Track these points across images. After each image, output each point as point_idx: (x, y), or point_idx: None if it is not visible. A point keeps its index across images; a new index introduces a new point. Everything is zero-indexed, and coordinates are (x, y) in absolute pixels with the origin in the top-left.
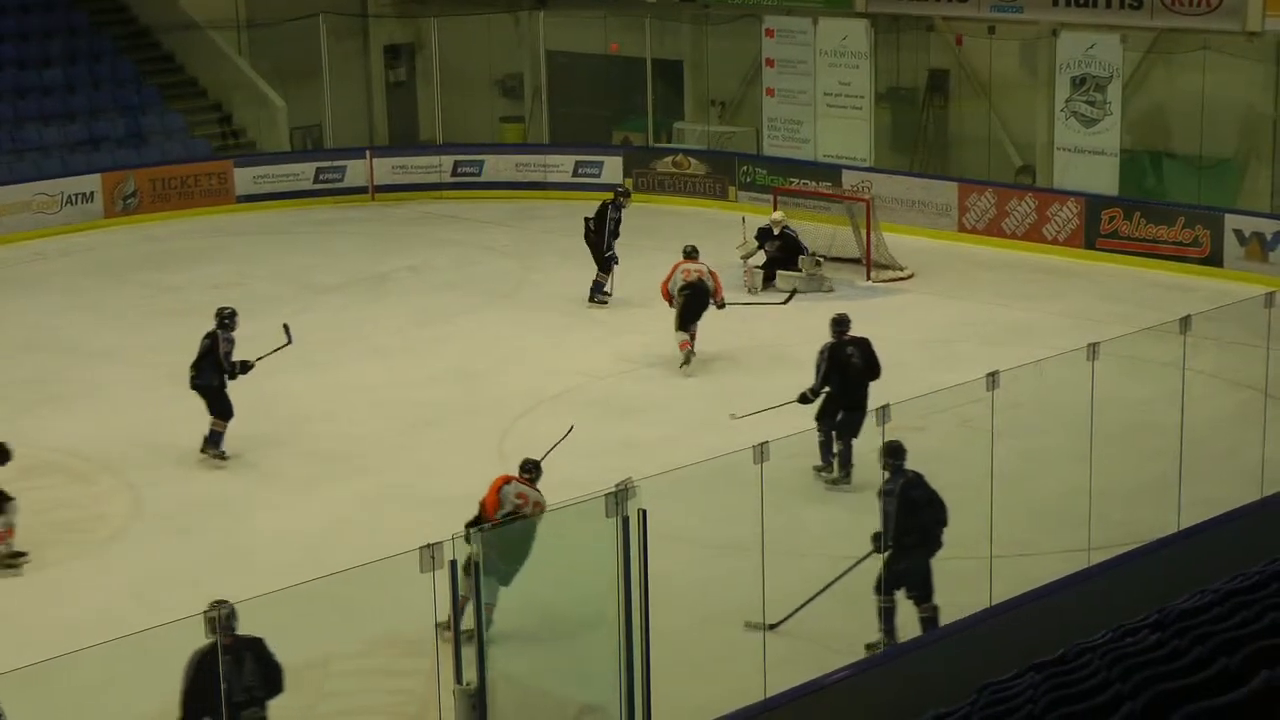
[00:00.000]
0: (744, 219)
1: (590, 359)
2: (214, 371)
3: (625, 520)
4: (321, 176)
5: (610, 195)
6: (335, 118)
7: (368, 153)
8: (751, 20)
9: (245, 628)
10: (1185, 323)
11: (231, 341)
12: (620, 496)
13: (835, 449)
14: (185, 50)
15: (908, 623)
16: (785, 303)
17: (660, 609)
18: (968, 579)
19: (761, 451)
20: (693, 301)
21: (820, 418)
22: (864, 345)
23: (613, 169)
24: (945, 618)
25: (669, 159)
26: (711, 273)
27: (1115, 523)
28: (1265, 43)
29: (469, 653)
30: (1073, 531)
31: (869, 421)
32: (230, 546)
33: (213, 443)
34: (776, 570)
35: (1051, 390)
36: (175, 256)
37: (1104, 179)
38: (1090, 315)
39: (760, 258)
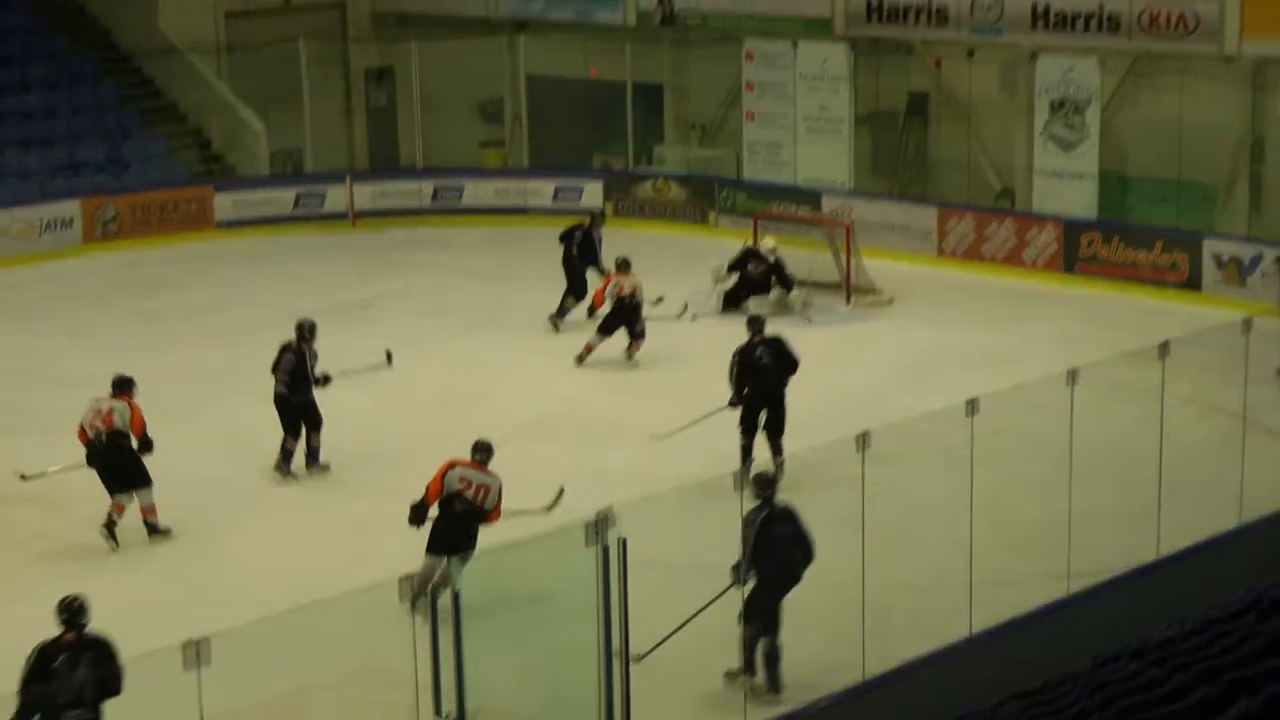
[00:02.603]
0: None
1: (573, 384)
2: (306, 386)
3: (605, 549)
4: (301, 201)
5: (588, 219)
6: (315, 143)
7: (348, 178)
8: (731, 44)
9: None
10: (1164, 348)
11: (316, 355)
12: (600, 525)
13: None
14: (165, 75)
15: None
16: (679, 316)
17: (641, 638)
18: (948, 608)
19: (739, 479)
20: (617, 315)
21: (742, 421)
22: (775, 344)
23: (593, 193)
24: (926, 646)
25: (649, 183)
26: (641, 288)
27: (1095, 550)
28: (1242, 66)
29: (449, 683)
30: (1053, 559)
31: (849, 447)
32: (210, 575)
33: (314, 456)
34: None
35: (1031, 416)
36: (155, 282)
37: (1083, 202)
38: (1069, 340)
39: (730, 281)
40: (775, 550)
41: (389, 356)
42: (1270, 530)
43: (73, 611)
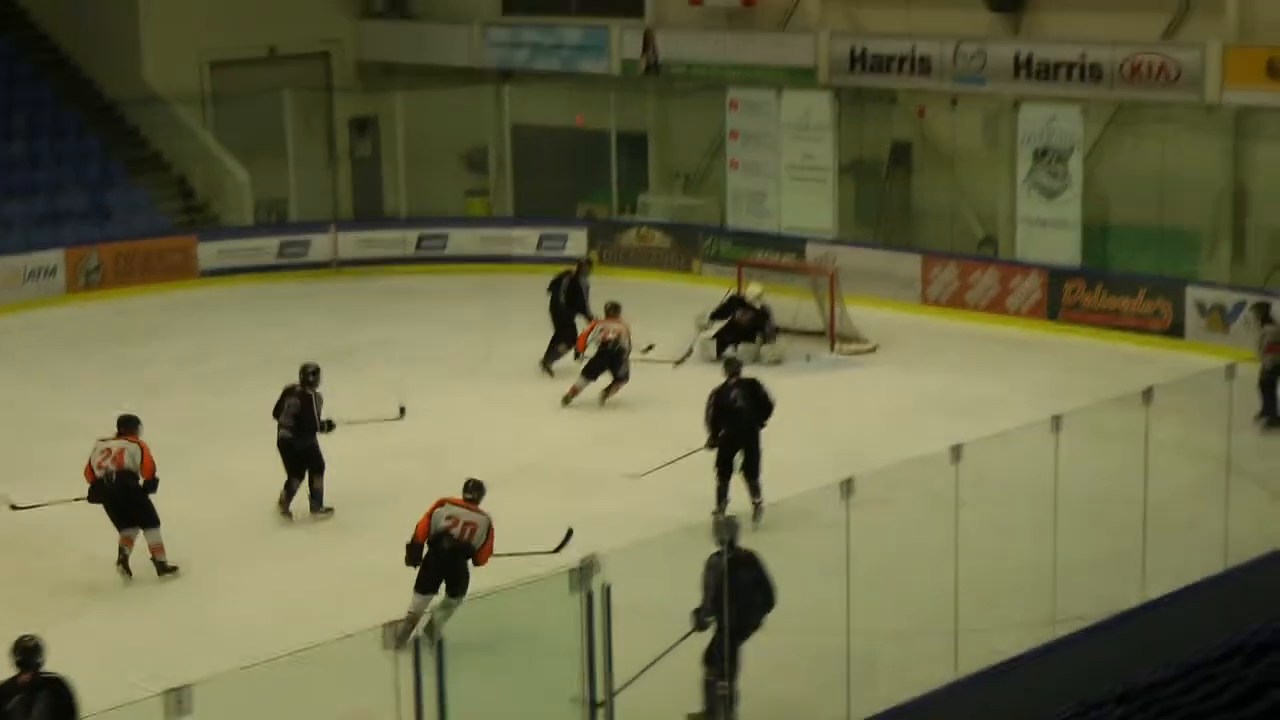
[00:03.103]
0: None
1: (557, 433)
2: (311, 431)
3: (589, 596)
4: (285, 250)
5: (574, 267)
6: (299, 192)
7: (332, 226)
8: (715, 93)
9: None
10: (1148, 394)
11: (321, 399)
12: (584, 572)
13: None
14: (149, 125)
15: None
16: (678, 364)
17: (643, 689)
18: (933, 653)
19: (726, 524)
20: (601, 359)
21: (718, 464)
22: (750, 386)
23: (577, 242)
24: (912, 691)
25: (633, 231)
26: (627, 334)
27: (1080, 595)
28: (1224, 115)
29: None
30: (1037, 604)
31: (834, 493)
32: (192, 624)
33: (318, 501)
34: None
35: (1015, 462)
36: (138, 331)
37: (1066, 251)
38: (1053, 387)
39: (713, 329)
40: (736, 595)
41: (402, 411)
42: (1254, 575)
43: (27, 651)
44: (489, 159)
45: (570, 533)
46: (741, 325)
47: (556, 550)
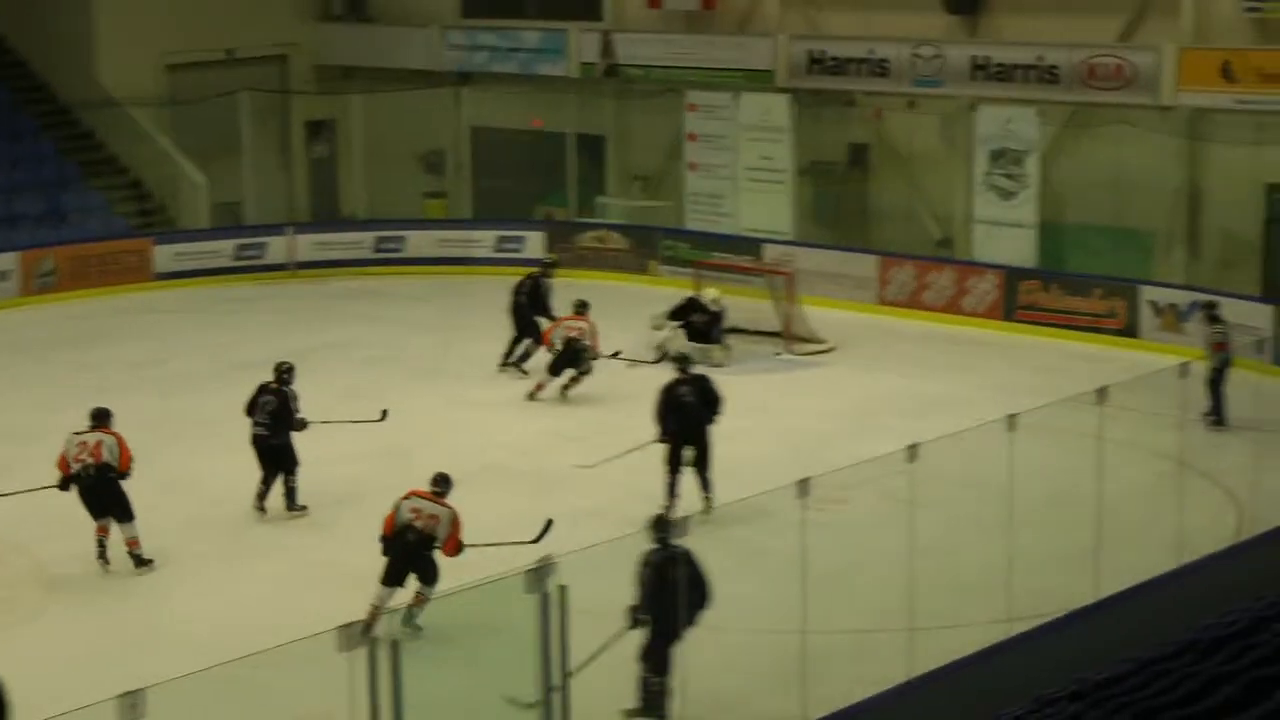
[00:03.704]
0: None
1: (516, 433)
2: (287, 428)
3: (546, 597)
4: (242, 253)
5: (538, 269)
6: (256, 194)
7: (289, 229)
8: (673, 95)
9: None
10: (1102, 393)
11: (297, 396)
12: (541, 573)
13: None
14: (105, 128)
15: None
16: (655, 362)
17: (581, 686)
18: (888, 651)
19: (683, 525)
20: (564, 356)
21: (668, 459)
22: (700, 382)
23: (535, 244)
24: (867, 689)
25: (591, 234)
26: (594, 332)
27: (1035, 593)
28: (1178, 116)
29: None
30: (993, 602)
31: (790, 493)
32: (146, 628)
33: (292, 499)
34: (697, 645)
35: (971, 461)
36: (93, 335)
37: (1022, 251)
38: (1009, 386)
39: (668, 329)
40: (669, 593)
41: (384, 414)
42: (1207, 572)
43: None
44: (447, 161)
45: (550, 523)
46: (698, 327)
47: (536, 540)
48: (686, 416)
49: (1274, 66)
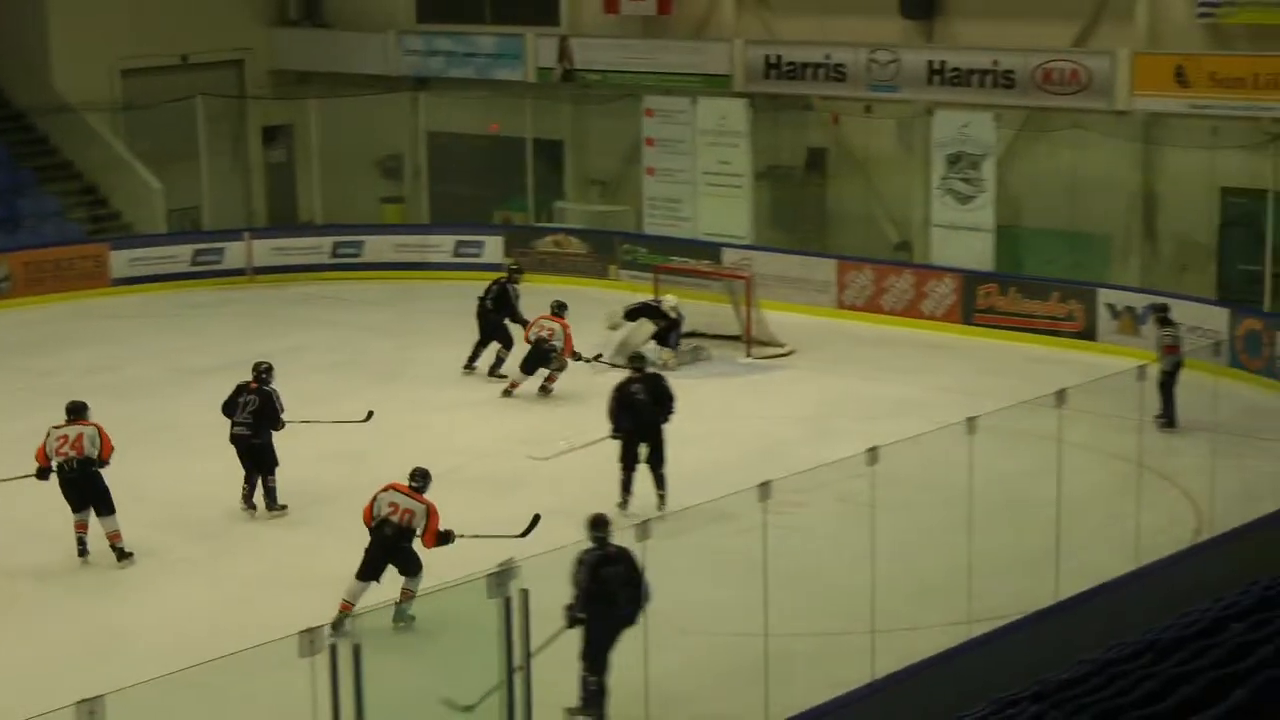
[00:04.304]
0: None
1: (473, 437)
2: (269, 427)
3: (507, 601)
4: (199, 258)
5: (505, 274)
6: (213, 199)
7: (246, 234)
8: (631, 100)
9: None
10: (1061, 396)
11: (278, 395)
12: (502, 577)
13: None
14: (60, 133)
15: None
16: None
17: (544, 690)
18: (850, 654)
19: (643, 530)
20: (533, 355)
21: (622, 457)
22: (652, 381)
23: (494, 249)
24: (830, 691)
25: (550, 238)
26: (566, 335)
27: (995, 594)
28: (1133, 120)
29: None
30: (953, 604)
31: (751, 496)
32: (104, 633)
33: (273, 498)
34: (662, 647)
35: (931, 464)
36: (49, 341)
37: (980, 255)
38: (968, 389)
39: (625, 328)
40: (603, 591)
41: (370, 415)
42: (1165, 574)
43: None
44: (404, 166)
45: (537, 518)
46: (656, 333)
47: (523, 535)
48: (639, 414)
49: (1227, 71)
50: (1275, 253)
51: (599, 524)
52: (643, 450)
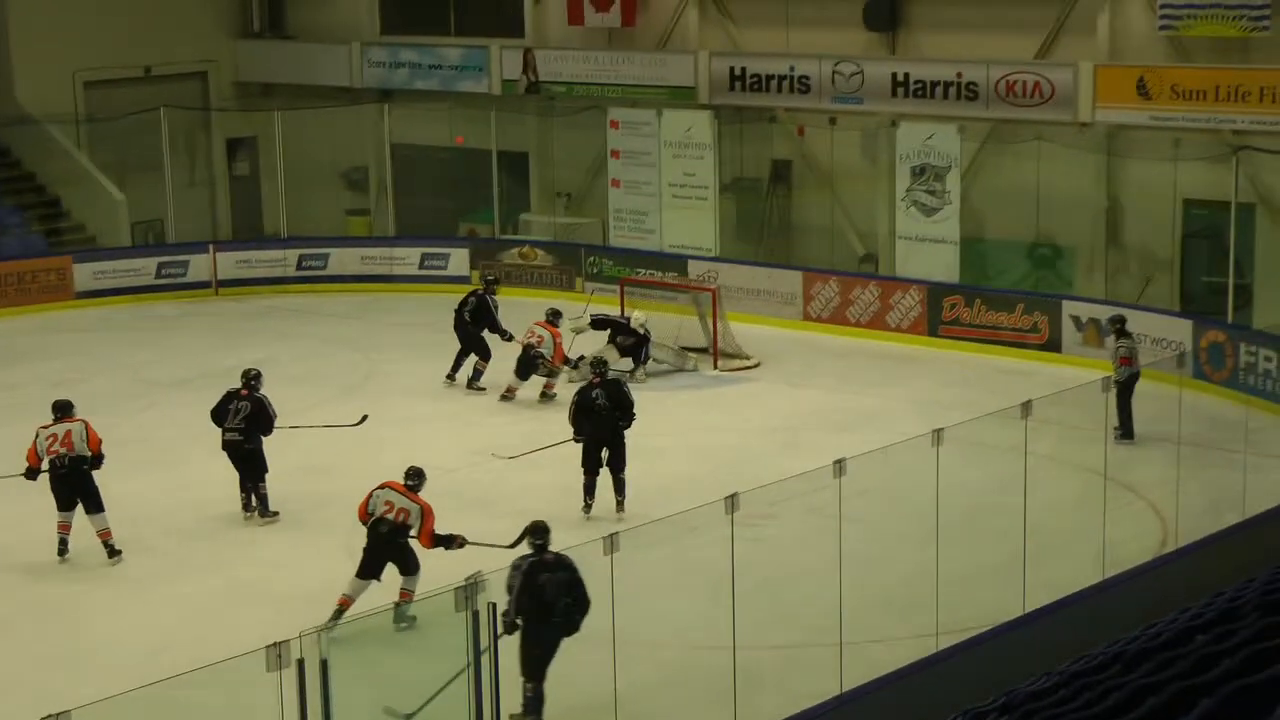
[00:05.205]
0: (590, 295)
1: (440, 451)
2: (261, 433)
3: (475, 614)
4: (164, 271)
5: (481, 285)
6: (177, 212)
7: (211, 247)
8: (596, 112)
9: None
10: (1026, 407)
11: (269, 401)
12: (470, 590)
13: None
14: (22, 145)
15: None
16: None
17: (512, 700)
18: (818, 666)
19: (612, 542)
20: (523, 361)
21: (584, 461)
22: (612, 387)
23: (459, 261)
24: (798, 704)
25: (515, 250)
26: (556, 342)
27: (962, 606)
28: (1096, 133)
29: None
30: (921, 616)
31: (719, 509)
32: (70, 649)
33: (265, 505)
34: (631, 661)
35: (897, 476)
36: (12, 354)
37: (945, 267)
38: (934, 401)
39: (587, 332)
40: (538, 598)
41: (364, 419)
42: (1132, 584)
43: None
44: (369, 178)
45: (527, 528)
46: (622, 349)
47: (512, 545)
48: (600, 419)
49: (1188, 84)
50: (1237, 264)
51: (538, 531)
52: (604, 455)
